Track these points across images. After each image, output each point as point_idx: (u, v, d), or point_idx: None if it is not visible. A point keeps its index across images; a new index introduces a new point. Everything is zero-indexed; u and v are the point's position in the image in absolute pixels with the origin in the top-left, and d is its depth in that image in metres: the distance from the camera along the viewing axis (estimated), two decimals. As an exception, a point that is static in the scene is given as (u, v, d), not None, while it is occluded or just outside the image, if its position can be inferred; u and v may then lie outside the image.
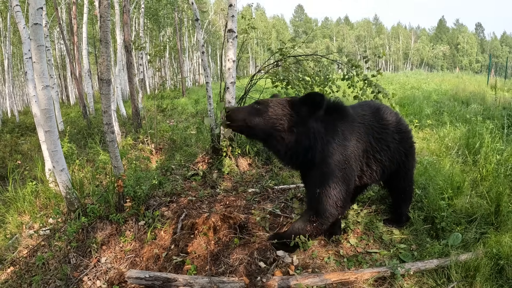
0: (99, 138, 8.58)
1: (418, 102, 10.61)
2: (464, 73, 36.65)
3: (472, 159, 5.46)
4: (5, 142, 10.45)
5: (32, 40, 4.06)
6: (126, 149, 7.22)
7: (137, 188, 4.13)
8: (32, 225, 4.47)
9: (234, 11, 5.77)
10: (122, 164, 4.29)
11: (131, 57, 9.69)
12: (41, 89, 4.07)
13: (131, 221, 4.16)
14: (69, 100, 30.02)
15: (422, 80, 21.85)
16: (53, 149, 4.24)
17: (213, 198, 4.88)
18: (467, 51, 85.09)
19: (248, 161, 5.87)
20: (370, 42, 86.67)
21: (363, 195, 4.56)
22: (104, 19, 3.86)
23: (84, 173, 5.73)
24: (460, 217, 3.84)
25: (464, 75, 29.19)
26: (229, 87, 5.71)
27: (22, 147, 10.22)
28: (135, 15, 22.28)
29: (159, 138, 7.66)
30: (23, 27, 5.57)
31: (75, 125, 11.69)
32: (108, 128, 3.99)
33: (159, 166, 5.99)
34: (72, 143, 6.73)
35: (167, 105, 14.42)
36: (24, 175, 6.32)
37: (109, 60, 3.85)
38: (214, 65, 46.15)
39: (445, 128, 7.09)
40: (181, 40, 27.63)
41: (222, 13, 43.83)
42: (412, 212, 3.98)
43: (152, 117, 9.19)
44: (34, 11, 4.05)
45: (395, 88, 17.30)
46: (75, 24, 15.34)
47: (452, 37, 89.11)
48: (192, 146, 6.99)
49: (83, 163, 6.23)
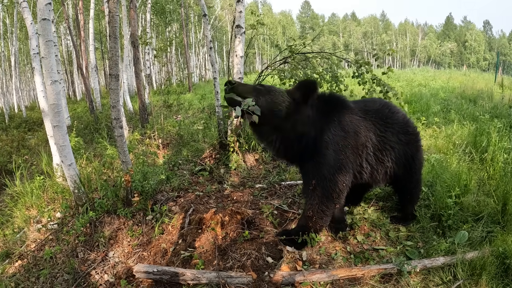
0: (106, 133, 8.62)
1: (425, 100, 10.54)
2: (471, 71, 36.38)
3: (479, 157, 5.43)
4: (12, 137, 10.52)
5: (41, 35, 4.08)
6: (133, 144, 7.24)
7: (145, 183, 4.15)
8: (40, 219, 4.50)
9: (242, 6, 5.77)
10: (130, 159, 4.32)
11: (138, 52, 9.71)
12: (50, 84, 4.09)
13: (138, 216, 4.19)
14: (75, 95, 30.14)
15: (429, 77, 21.68)
16: (61, 144, 4.27)
17: (221, 193, 4.89)
18: (475, 48, 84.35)
19: (255, 156, 5.88)
20: (377, 39, 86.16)
21: (370, 192, 4.56)
22: (113, 14, 3.88)
23: (92, 167, 5.77)
24: (467, 215, 3.83)
25: (472, 73, 28.96)
26: (236, 83, 5.71)
27: (29, 142, 10.29)
28: (141, 10, 22.30)
29: (166, 133, 7.68)
30: (31, 23, 5.59)
31: (82, 120, 11.75)
32: (117, 123, 4.01)
33: (166, 161, 6.01)
34: (79, 138, 6.75)
35: (174, 100, 14.43)
36: (32, 170, 6.36)
37: (118, 55, 3.87)
38: (220, 60, 46.07)
39: (453, 126, 7.05)
40: (187, 35, 27.64)
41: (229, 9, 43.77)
42: (419, 209, 3.97)
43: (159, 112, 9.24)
44: (43, 6, 4.07)
45: (402, 85, 17.18)
46: (82, 19, 15.38)
47: (460, 34, 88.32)
48: (199, 142, 7.01)
49: (91, 158, 6.26)
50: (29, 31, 5.68)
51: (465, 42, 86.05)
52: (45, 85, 4.28)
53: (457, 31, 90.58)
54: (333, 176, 3.29)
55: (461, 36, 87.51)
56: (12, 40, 21.12)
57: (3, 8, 20.70)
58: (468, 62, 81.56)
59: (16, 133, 11.61)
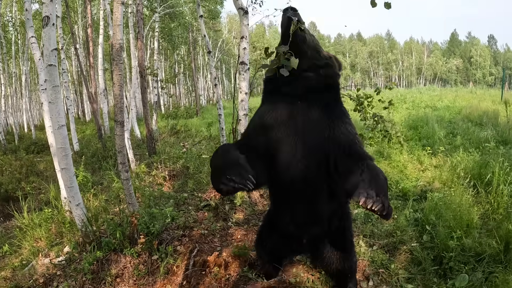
0: (113, 163, 8.72)
1: (431, 124, 10.54)
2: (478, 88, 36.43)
3: (483, 189, 5.43)
4: (21, 162, 10.65)
5: (48, 80, 4.18)
6: (140, 176, 7.33)
7: (151, 226, 4.21)
8: (48, 253, 4.58)
9: (246, 43, 5.88)
10: (136, 201, 4.40)
11: (145, 82, 9.88)
12: (57, 129, 4.18)
13: (144, 255, 4.24)
14: (84, 116, 30.56)
15: (436, 96, 21.70)
16: (69, 185, 4.36)
17: (225, 231, 4.93)
18: (480, 64, 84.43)
19: (260, 192, 5.93)
20: (382, 58, 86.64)
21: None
22: (117, 62, 3.97)
23: (99, 201, 5.86)
24: (469, 255, 3.82)
25: (478, 90, 29.07)
26: (241, 119, 5.81)
27: (38, 166, 10.44)
28: (150, 34, 22.71)
29: (172, 163, 7.77)
30: (39, 59, 5.75)
31: (90, 146, 11.90)
32: (123, 167, 4.11)
33: (172, 196, 6.06)
34: (87, 171, 6.87)
35: (181, 127, 14.60)
36: (40, 198, 6.47)
37: (123, 102, 3.97)
38: (228, 82, 46.35)
39: (458, 155, 7.04)
40: (195, 59, 27.99)
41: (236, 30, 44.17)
42: (422, 251, 3.97)
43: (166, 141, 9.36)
44: (49, 52, 4.14)
45: (408, 106, 17.22)
46: (91, 46, 15.75)
47: (465, 50, 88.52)
48: (205, 173, 7.07)
49: (98, 192, 6.36)
50: (37, 66, 5.85)
51: (470, 58, 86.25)
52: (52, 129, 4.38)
53: (462, 47, 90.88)
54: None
55: (466, 52, 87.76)
56: (23, 60, 21.60)
57: (14, 28, 21.22)
58: (474, 78, 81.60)
59: (26, 156, 11.75)
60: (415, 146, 8.67)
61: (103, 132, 13.47)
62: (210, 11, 22.19)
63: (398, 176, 6.56)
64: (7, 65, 22.18)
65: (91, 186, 6.53)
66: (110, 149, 10.35)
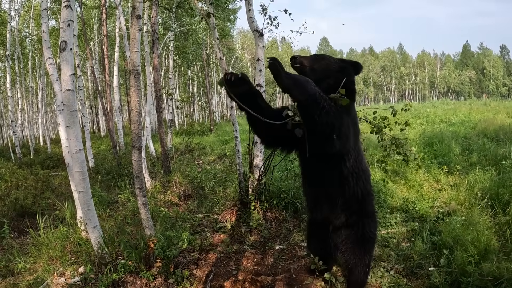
0: (129, 181, 8.75)
1: (446, 141, 10.40)
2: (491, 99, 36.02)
3: (501, 209, 5.35)
4: (36, 177, 10.73)
5: (65, 105, 4.24)
6: (156, 196, 7.36)
7: (168, 251, 4.21)
8: (62, 272, 4.59)
9: (262, 65, 5.92)
10: (152, 225, 4.40)
11: (160, 101, 9.96)
12: (75, 153, 4.24)
13: (160, 278, 4.24)
14: (99, 130, 30.83)
15: (450, 110, 21.54)
16: (86, 208, 4.40)
17: (241, 254, 4.92)
18: (493, 75, 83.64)
19: (276, 214, 5.91)
20: (395, 72, 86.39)
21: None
22: (135, 88, 4.01)
23: (114, 221, 5.89)
24: (487, 280, 3.75)
25: (492, 102, 28.76)
26: (257, 142, 5.83)
27: (53, 181, 10.50)
28: (164, 52, 23.01)
29: (187, 183, 7.79)
30: (56, 80, 5.78)
31: (105, 163, 11.96)
32: (140, 192, 4.13)
33: (188, 220, 6.05)
34: (102, 190, 6.91)
35: (195, 144, 14.68)
36: (55, 215, 6.52)
37: (140, 128, 4.01)
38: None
39: (475, 173, 6.94)
40: (209, 76, 28.25)
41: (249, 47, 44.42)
42: (438, 276, 3.90)
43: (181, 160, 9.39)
44: (67, 77, 4.17)
45: (422, 122, 17.10)
46: (107, 63, 15.98)
47: (478, 61, 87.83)
48: (220, 193, 7.08)
49: (114, 212, 6.39)
50: (54, 88, 5.88)
51: (483, 69, 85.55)
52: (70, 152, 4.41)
53: (475, 58, 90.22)
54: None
55: (479, 64, 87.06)
56: (40, 75, 22.01)
57: (32, 44, 21.66)
58: (488, 90, 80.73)
59: (41, 172, 11.84)
60: (431, 164, 8.57)
61: (118, 148, 13.58)
62: (221, 29, 22.51)
63: (415, 197, 6.48)
64: (24, 79, 22.57)
65: (106, 206, 6.56)
66: (125, 166, 10.39)
